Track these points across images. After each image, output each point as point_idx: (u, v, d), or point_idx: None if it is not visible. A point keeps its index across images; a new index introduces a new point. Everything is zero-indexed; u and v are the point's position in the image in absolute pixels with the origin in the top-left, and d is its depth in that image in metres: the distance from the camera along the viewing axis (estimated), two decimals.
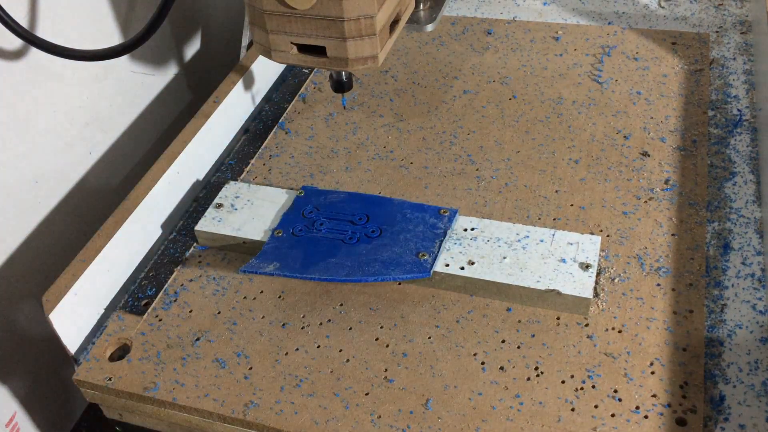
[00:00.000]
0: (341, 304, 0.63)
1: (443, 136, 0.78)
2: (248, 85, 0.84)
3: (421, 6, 0.74)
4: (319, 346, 0.60)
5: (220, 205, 0.70)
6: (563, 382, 0.55)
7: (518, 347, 0.58)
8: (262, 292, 0.64)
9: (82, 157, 0.81)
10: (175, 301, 0.65)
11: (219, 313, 0.63)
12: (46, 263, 0.77)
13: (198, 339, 0.61)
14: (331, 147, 0.78)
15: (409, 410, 0.55)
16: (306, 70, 0.91)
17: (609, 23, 0.92)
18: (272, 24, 0.59)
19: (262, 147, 0.80)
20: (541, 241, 0.63)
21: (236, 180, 0.75)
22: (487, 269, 0.61)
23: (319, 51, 0.60)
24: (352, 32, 0.57)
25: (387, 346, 0.59)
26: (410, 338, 0.59)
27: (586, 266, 0.60)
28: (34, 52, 0.71)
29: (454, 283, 0.62)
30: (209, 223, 0.68)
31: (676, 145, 0.73)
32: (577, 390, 0.55)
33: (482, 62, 0.87)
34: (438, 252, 0.62)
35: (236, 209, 0.69)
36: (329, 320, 0.61)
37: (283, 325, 0.62)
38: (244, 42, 0.87)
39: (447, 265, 0.62)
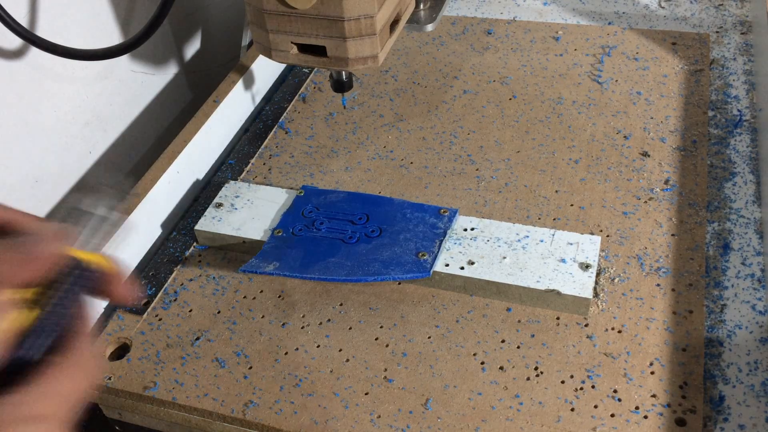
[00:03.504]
0: (341, 304, 0.63)
1: (443, 136, 0.78)
2: (248, 85, 0.84)
3: (421, 6, 0.74)
4: (318, 346, 0.60)
5: (220, 205, 0.70)
6: (563, 382, 0.55)
7: (518, 347, 0.58)
8: (262, 291, 0.64)
9: (82, 156, 0.81)
10: (174, 300, 0.65)
11: (219, 312, 0.63)
12: None
13: (198, 338, 0.61)
14: (331, 147, 0.78)
15: (409, 410, 0.55)
16: (306, 70, 0.91)
17: (609, 23, 0.92)
18: (272, 23, 0.59)
19: (262, 147, 0.80)
20: (541, 241, 0.63)
21: (236, 179, 0.75)
22: (487, 269, 0.61)
23: (319, 51, 0.60)
24: (353, 32, 0.57)
25: (387, 345, 0.59)
26: (410, 338, 0.59)
27: (586, 266, 0.60)
28: (35, 52, 0.71)
29: (454, 283, 0.62)
30: (209, 223, 0.68)
31: (676, 146, 0.73)
32: (576, 390, 0.55)
33: (482, 62, 0.87)
34: (438, 252, 0.62)
35: (236, 209, 0.69)
36: (329, 320, 0.61)
37: (283, 324, 0.62)
38: (244, 42, 0.87)
39: (447, 265, 0.62)
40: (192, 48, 0.97)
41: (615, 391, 0.54)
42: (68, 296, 0.32)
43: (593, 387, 0.55)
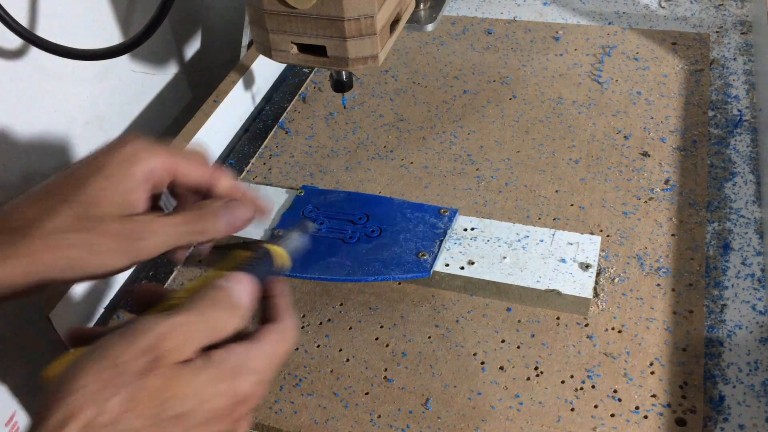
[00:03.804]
0: (341, 304, 0.63)
1: (443, 136, 0.78)
2: (248, 85, 0.84)
3: (421, 6, 0.74)
4: (318, 346, 0.60)
5: None
6: (563, 382, 0.55)
7: (518, 347, 0.58)
8: None
9: (82, 156, 0.81)
10: None
11: None
12: None
13: None
14: (331, 147, 0.78)
15: (409, 410, 0.55)
16: (306, 70, 0.91)
17: (609, 23, 0.92)
18: (272, 23, 0.59)
19: (262, 147, 0.80)
20: (541, 241, 0.63)
21: (236, 179, 0.75)
22: (487, 269, 0.61)
23: (319, 50, 0.60)
24: (353, 32, 0.57)
25: (387, 345, 0.59)
26: (410, 338, 0.59)
27: (586, 266, 0.60)
28: (35, 52, 0.71)
29: (454, 283, 0.62)
30: None
31: (676, 145, 0.73)
32: (576, 390, 0.55)
33: (482, 62, 0.87)
34: (438, 252, 0.62)
35: None
36: (329, 320, 0.61)
37: None
38: (244, 42, 0.87)
39: (447, 265, 0.62)
40: (192, 48, 0.97)
41: (615, 391, 0.54)
42: (253, 273, 0.39)
43: (593, 387, 0.55)
